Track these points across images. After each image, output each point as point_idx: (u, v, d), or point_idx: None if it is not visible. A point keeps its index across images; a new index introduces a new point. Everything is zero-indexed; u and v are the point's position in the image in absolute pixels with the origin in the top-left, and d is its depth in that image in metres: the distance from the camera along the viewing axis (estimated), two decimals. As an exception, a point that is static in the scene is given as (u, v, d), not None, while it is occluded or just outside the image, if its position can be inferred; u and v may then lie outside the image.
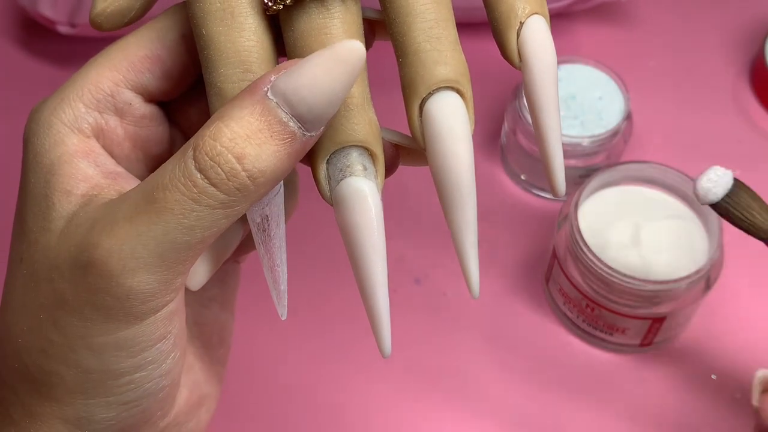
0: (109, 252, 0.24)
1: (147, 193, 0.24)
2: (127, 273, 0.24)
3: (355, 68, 0.24)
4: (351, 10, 0.26)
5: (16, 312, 0.26)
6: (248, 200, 0.24)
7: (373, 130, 0.26)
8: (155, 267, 0.24)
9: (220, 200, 0.24)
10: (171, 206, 0.24)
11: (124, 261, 0.24)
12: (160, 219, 0.24)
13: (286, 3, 0.25)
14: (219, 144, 0.23)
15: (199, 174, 0.24)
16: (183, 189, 0.24)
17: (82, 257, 0.24)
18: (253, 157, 0.24)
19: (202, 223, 0.24)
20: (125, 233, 0.24)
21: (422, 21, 0.25)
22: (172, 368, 0.27)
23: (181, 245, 0.24)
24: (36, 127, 0.27)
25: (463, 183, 0.26)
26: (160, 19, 0.28)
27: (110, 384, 0.26)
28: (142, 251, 0.24)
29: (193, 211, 0.24)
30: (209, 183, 0.24)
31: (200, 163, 0.24)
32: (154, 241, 0.24)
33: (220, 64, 0.25)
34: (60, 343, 0.25)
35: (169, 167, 0.24)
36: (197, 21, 0.26)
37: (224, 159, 0.23)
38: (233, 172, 0.24)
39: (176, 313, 0.27)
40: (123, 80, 0.28)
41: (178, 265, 0.25)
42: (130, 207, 0.24)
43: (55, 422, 0.27)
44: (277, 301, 0.30)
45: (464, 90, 0.26)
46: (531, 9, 0.27)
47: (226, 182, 0.24)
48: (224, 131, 0.24)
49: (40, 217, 0.26)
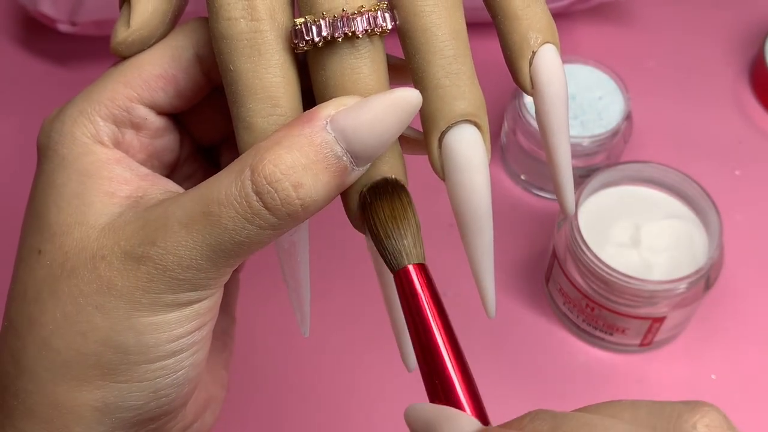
0: (165, 250, 0.26)
1: (203, 204, 0.26)
2: (181, 269, 0.26)
3: (410, 114, 0.26)
4: (378, 49, 0.27)
5: (42, 301, 0.27)
6: (295, 224, 0.26)
7: (400, 162, 0.28)
8: (206, 267, 0.26)
9: (270, 223, 0.25)
10: (225, 222, 0.25)
11: (179, 259, 0.26)
12: (214, 231, 0.25)
13: (317, 44, 0.26)
14: (279, 171, 0.25)
15: (255, 196, 0.25)
16: (238, 208, 0.25)
17: (137, 251, 0.26)
18: (309, 187, 0.25)
19: (252, 239, 0.26)
20: (181, 237, 0.26)
21: (441, 57, 0.27)
22: (201, 361, 0.28)
23: (230, 254, 0.26)
24: (58, 138, 0.28)
25: (480, 211, 0.28)
26: (175, 36, 0.29)
27: (145, 367, 0.27)
28: (196, 254, 0.26)
29: (245, 230, 0.25)
30: (263, 206, 0.25)
31: (258, 186, 0.25)
32: (207, 248, 0.26)
33: (248, 99, 0.27)
34: (103, 325, 0.26)
35: (225, 183, 0.25)
36: (224, 57, 0.27)
37: (281, 186, 0.25)
38: (288, 200, 0.25)
39: (215, 307, 0.28)
40: (137, 97, 0.28)
41: (226, 267, 0.27)
42: (186, 214, 0.26)
43: (81, 409, 0.27)
44: (300, 321, 0.32)
45: (481, 123, 0.27)
46: (543, 38, 0.28)
47: (280, 208, 0.25)
48: (284, 158, 0.25)
49: (69, 212, 0.27)
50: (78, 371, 0.27)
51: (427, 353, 0.26)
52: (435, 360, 0.26)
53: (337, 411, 0.49)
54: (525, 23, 0.28)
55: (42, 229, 0.27)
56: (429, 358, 0.26)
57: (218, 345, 0.34)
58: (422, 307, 0.26)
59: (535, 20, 0.28)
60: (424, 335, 0.26)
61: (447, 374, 0.26)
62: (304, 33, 0.26)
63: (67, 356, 0.27)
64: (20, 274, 0.28)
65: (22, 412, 0.27)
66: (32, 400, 0.27)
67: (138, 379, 0.27)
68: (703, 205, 0.48)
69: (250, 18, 0.26)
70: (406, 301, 0.26)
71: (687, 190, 0.49)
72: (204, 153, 0.33)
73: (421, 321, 0.26)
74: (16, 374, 0.27)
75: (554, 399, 0.49)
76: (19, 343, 0.27)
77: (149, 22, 0.28)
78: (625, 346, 0.50)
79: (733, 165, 0.58)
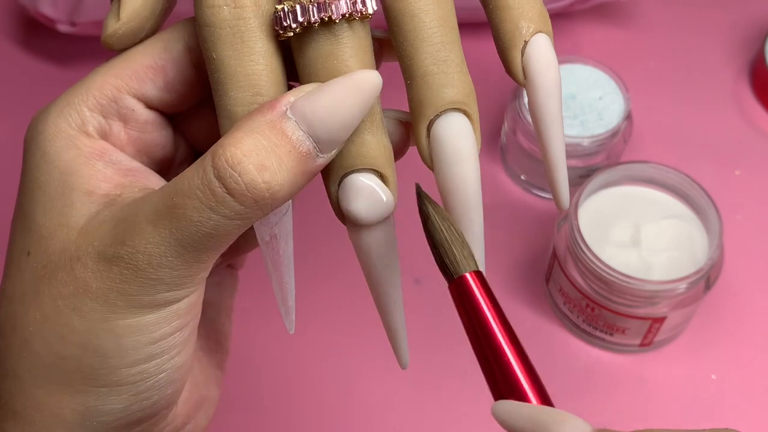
0: (134, 248, 0.25)
1: (167, 197, 0.25)
2: (152, 268, 0.25)
3: (371, 96, 0.25)
4: (359, 34, 0.26)
5: (26, 302, 0.27)
6: (262, 213, 0.25)
7: (384, 153, 0.27)
8: (177, 264, 0.25)
9: (236, 211, 0.25)
10: (190, 214, 0.25)
11: (149, 258, 0.25)
12: (180, 224, 0.25)
13: (294, 29, 0.26)
14: (240, 152, 0.24)
15: (218, 182, 0.24)
16: (201, 197, 0.24)
17: (108, 252, 0.25)
18: (273, 169, 0.24)
19: (219, 230, 0.25)
20: (149, 234, 0.25)
21: (429, 44, 0.26)
22: (183, 362, 0.28)
23: (199, 248, 0.25)
24: (43, 130, 0.28)
25: (470, 201, 0.27)
26: (167, 30, 0.29)
27: (125, 372, 0.26)
28: (165, 251, 0.25)
29: (210, 220, 0.25)
30: (227, 192, 0.24)
31: (219, 170, 0.24)
32: (175, 243, 0.25)
33: (230, 87, 0.26)
34: (80, 328, 0.26)
35: (189, 174, 0.25)
36: (207, 45, 0.26)
37: (244, 168, 0.24)
38: (253, 183, 0.24)
39: (195, 306, 0.27)
40: (125, 87, 0.28)
41: (199, 263, 0.26)
42: (152, 210, 0.25)
43: (62, 411, 0.27)
44: (285, 316, 0.31)
45: (470, 111, 0.27)
46: (535, 27, 0.28)
47: (245, 193, 0.24)
48: (245, 141, 0.24)
49: (54, 214, 0.27)
50: (58, 374, 0.26)
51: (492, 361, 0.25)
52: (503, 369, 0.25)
53: (335, 410, 0.49)
54: (516, 12, 0.27)
55: (31, 231, 0.27)
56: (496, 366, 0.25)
57: (211, 344, 0.33)
58: (484, 315, 0.26)
59: (527, 9, 0.27)
60: (487, 344, 0.25)
61: (518, 383, 0.25)
62: (283, 19, 0.26)
63: (48, 359, 0.26)
64: (11, 273, 0.28)
65: (6, 413, 0.27)
66: (16, 402, 0.27)
67: (117, 383, 0.26)
68: (703, 205, 0.48)
69: (233, 5, 0.26)
70: (465, 309, 0.26)
71: (687, 190, 0.49)
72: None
73: (484, 330, 0.26)
74: (1, 375, 0.27)
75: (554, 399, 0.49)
76: (4, 343, 0.27)
77: (139, 13, 0.28)
78: (625, 347, 0.50)
79: (733, 165, 0.58)
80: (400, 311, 0.29)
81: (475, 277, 0.26)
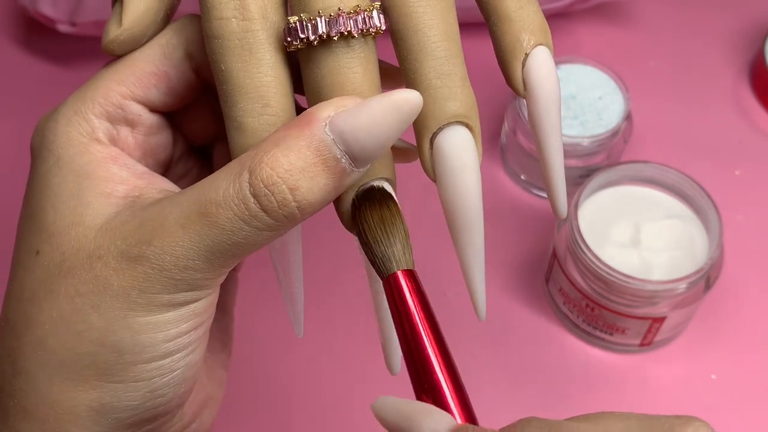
0: (162, 250, 0.26)
1: (200, 205, 0.26)
2: (177, 269, 0.26)
3: (410, 117, 0.25)
4: (371, 49, 0.27)
5: (38, 301, 0.27)
6: (292, 225, 0.26)
7: (392, 162, 0.28)
8: (202, 267, 0.26)
9: (267, 224, 0.25)
10: (222, 223, 0.25)
11: (176, 260, 0.26)
12: (211, 232, 0.25)
13: (311, 42, 0.26)
14: (276, 174, 0.25)
15: (253, 199, 0.25)
16: (236, 209, 0.25)
17: (133, 251, 0.26)
18: (305, 190, 0.25)
19: (249, 240, 0.26)
20: (178, 237, 0.26)
21: (433, 58, 0.27)
22: (197, 360, 0.28)
23: (227, 254, 0.26)
24: (53, 138, 0.28)
25: (471, 214, 0.27)
26: (167, 34, 0.29)
27: (141, 368, 0.27)
28: (193, 254, 0.26)
29: (242, 231, 0.25)
30: (261, 209, 0.25)
31: (255, 188, 0.25)
32: (204, 248, 0.26)
33: (239, 99, 0.27)
34: (98, 325, 0.26)
35: (223, 184, 0.25)
36: (216, 56, 0.27)
37: (278, 189, 0.25)
38: (285, 202, 0.25)
39: (212, 306, 0.28)
40: (131, 94, 0.29)
41: (222, 268, 0.27)
42: (182, 214, 0.26)
43: (77, 409, 0.27)
44: (294, 320, 0.32)
45: (473, 124, 0.27)
46: (536, 40, 0.28)
47: (277, 210, 0.25)
48: (281, 161, 0.25)
49: (67, 214, 0.27)
50: (73, 371, 0.27)
51: (415, 357, 0.26)
52: (423, 364, 0.26)
53: (335, 410, 0.49)
54: (518, 25, 0.28)
55: (40, 230, 0.27)
56: (418, 362, 0.26)
57: (216, 345, 0.34)
58: (411, 312, 0.26)
59: (528, 22, 0.28)
60: (412, 340, 0.26)
61: (435, 378, 0.26)
62: (299, 31, 0.26)
63: (63, 356, 0.27)
64: (18, 274, 0.28)
65: (18, 412, 0.27)
66: (28, 400, 0.27)
67: (134, 379, 0.27)
68: (703, 205, 0.48)
69: (241, 18, 0.26)
70: (395, 306, 0.26)
71: (687, 190, 0.49)
72: (197, 152, 0.33)
73: (410, 325, 0.26)
74: (12, 374, 0.27)
75: (554, 399, 0.49)
76: (16, 343, 0.27)
77: (141, 20, 0.28)
78: (625, 346, 0.50)
79: (733, 165, 0.58)
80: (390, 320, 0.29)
81: (405, 276, 0.27)
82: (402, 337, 0.26)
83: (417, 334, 0.26)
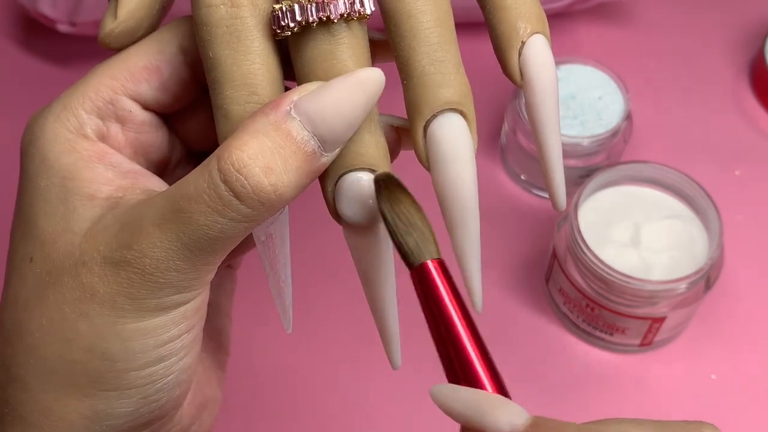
0: (141, 252, 0.25)
1: (173, 201, 0.25)
2: (159, 272, 0.25)
3: (374, 94, 0.25)
4: (357, 34, 0.26)
5: (30, 308, 0.27)
6: (268, 214, 0.25)
7: (382, 152, 0.27)
8: (184, 267, 0.25)
9: (243, 213, 0.25)
10: (197, 218, 0.25)
11: (156, 261, 0.25)
12: (186, 229, 0.25)
13: (293, 30, 0.26)
14: (246, 155, 0.24)
15: (224, 186, 0.24)
16: (208, 201, 0.24)
17: (115, 256, 0.25)
18: (279, 171, 0.24)
19: (226, 233, 0.25)
20: (155, 238, 0.25)
21: (426, 45, 0.26)
22: (191, 364, 0.28)
23: (206, 251, 0.25)
24: (41, 135, 0.28)
25: (466, 202, 0.27)
26: (161, 31, 0.29)
27: (133, 375, 0.26)
28: (172, 255, 0.25)
29: (217, 224, 0.25)
30: (234, 196, 0.24)
31: (225, 174, 0.24)
32: (182, 246, 0.25)
33: (226, 86, 0.26)
34: (87, 333, 0.26)
35: (194, 177, 0.25)
36: (204, 44, 0.26)
37: (251, 172, 0.24)
38: (260, 186, 0.24)
39: (202, 307, 0.27)
40: (121, 88, 0.28)
41: (206, 266, 0.26)
42: (157, 214, 0.25)
43: (70, 417, 0.27)
44: (282, 315, 0.31)
45: (467, 111, 0.27)
46: (532, 28, 0.27)
47: (252, 196, 0.24)
48: (250, 144, 0.24)
49: (56, 219, 0.27)
50: (65, 379, 0.26)
51: (452, 351, 0.25)
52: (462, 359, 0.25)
53: (335, 409, 0.49)
54: (514, 13, 0.27)
55: (33, 237, 0.27)
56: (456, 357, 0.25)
57: (213, 346, 0.33)
58: (445, 303, 0.25)
59: (524, 10, 0.27)
60: (446, 332, 0.25)
61: (474, 371, 0.25)
62: (281, 19, 0.26)
63: (54, 364, 0.26)
64: (12, 280, 0.28)
65: (13, 419, 0.27)
66: (22, 407, 0.27)
67: (126, 387, 0.26)
68: (703, 205, 0.48)
69: (230, 5, 0.26)
70: (428, 297, 0.25)
71: (687, 190, 0.49)
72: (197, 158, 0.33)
73: (445, 318, 0.25)
74: (6, 381, 0.27)
75: (554, 399, 0.49)
76: (9, 350, 0.27)
77: (135, 12, 0.28)
78: (625, 346, 0.50)
79: (733, 165, 0.58)
80: (393, 312, 0.29)
81: (436, 265, 0.26)
82: (435, 329, 0.25)
83: (453, 327, 0.25)
